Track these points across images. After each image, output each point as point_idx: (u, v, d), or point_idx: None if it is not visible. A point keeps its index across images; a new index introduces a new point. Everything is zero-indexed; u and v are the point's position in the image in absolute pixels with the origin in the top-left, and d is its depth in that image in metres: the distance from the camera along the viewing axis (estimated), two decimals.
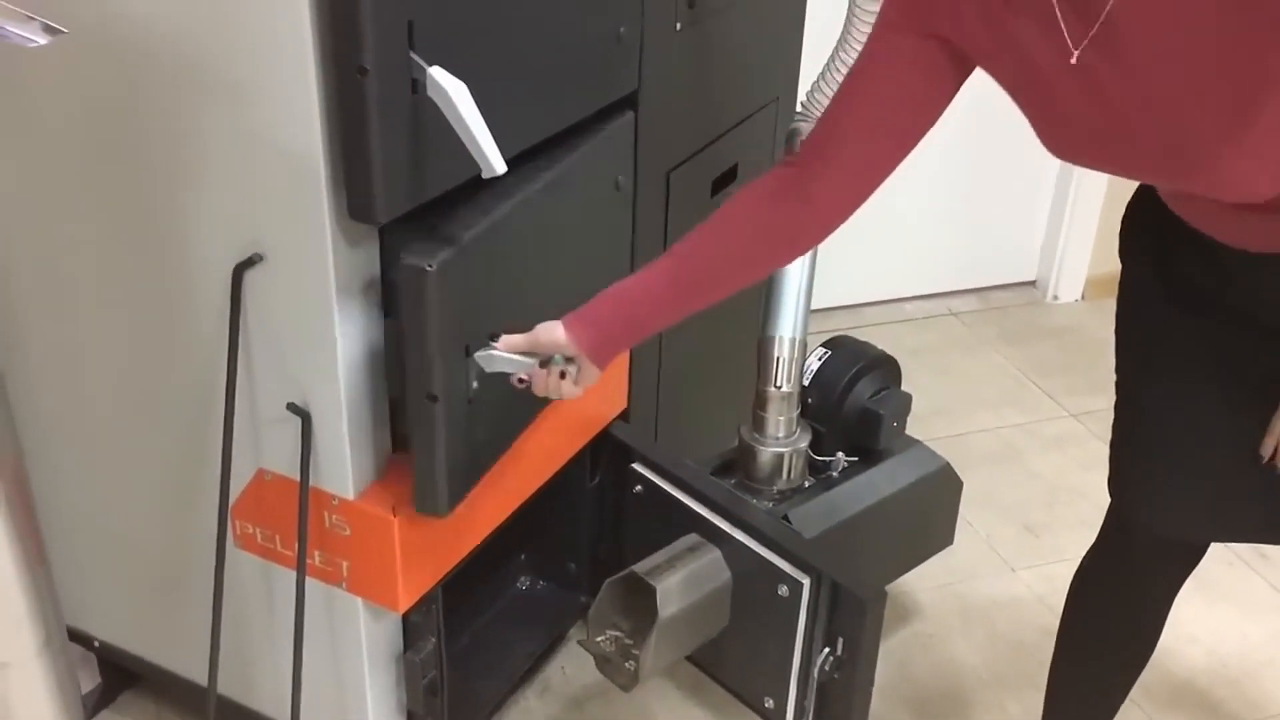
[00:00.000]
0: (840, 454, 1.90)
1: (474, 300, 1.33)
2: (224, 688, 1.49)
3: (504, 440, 1.54)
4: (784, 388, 1.79)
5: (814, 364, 1.94)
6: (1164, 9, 1.03)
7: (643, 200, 1.75)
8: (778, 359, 1.77)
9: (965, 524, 2.20)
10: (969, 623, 2.16)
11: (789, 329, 1.77)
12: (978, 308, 3.24)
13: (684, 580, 1.56)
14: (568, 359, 1.30)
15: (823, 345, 1.99)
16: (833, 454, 1.90)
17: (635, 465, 1.71)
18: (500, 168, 1.22)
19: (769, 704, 1.61)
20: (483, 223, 1.34)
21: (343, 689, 1.57)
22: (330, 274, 1.29)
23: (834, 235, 1.29)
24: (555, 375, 1.31)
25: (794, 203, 1.25)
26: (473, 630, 1.86)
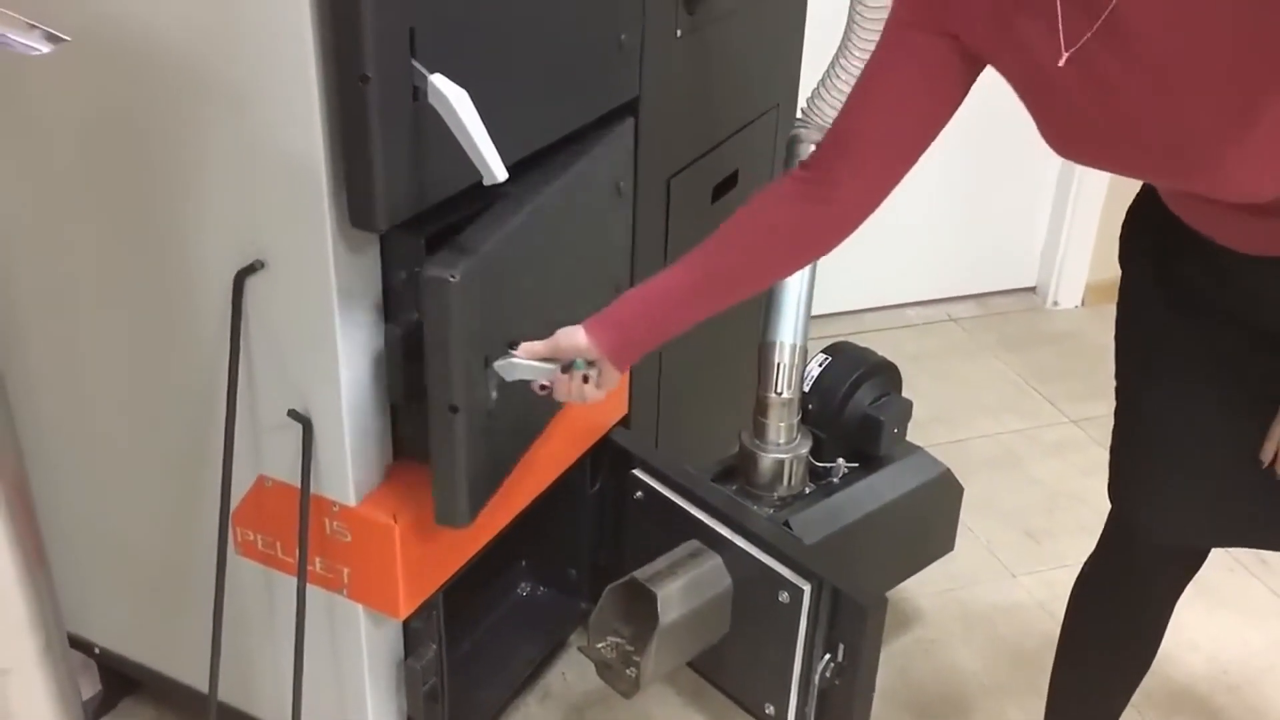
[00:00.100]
0: (841, 460, 1.90)
1: (492, 310, 1.33)
2: (225, 694, 1.49)
3: (519, 449, 1.54)
4: (784, 394, 1.79)
5: (814, 370, 1.94)
6: (1166, 10, 1.03)
7: (643, 206, 1.76)
8: (778, 365, 1.78)
9: (966, 530, 2.20)
10: (970, 629, 2.16)
11: (789, 335, 1.77)
12: (978, 313, 3.24)
13: (685, 586, 1.56)
14: (589, 363, 1.31)
15: (823, 351, 1.99)
16: (833, 460, 1.90)
17: (636, 471, 1.71)
18: (501, 175, 1.22)
19: (770, 710, 1.61)
20: (500, 232, 1.33)
21: (343, 696, 1.57)
22: (331, 281, 1.29)
23: None
24: (578, 380, 1.32)
25: (814, 205, 1.25)
26: (473, 637, 1.86)
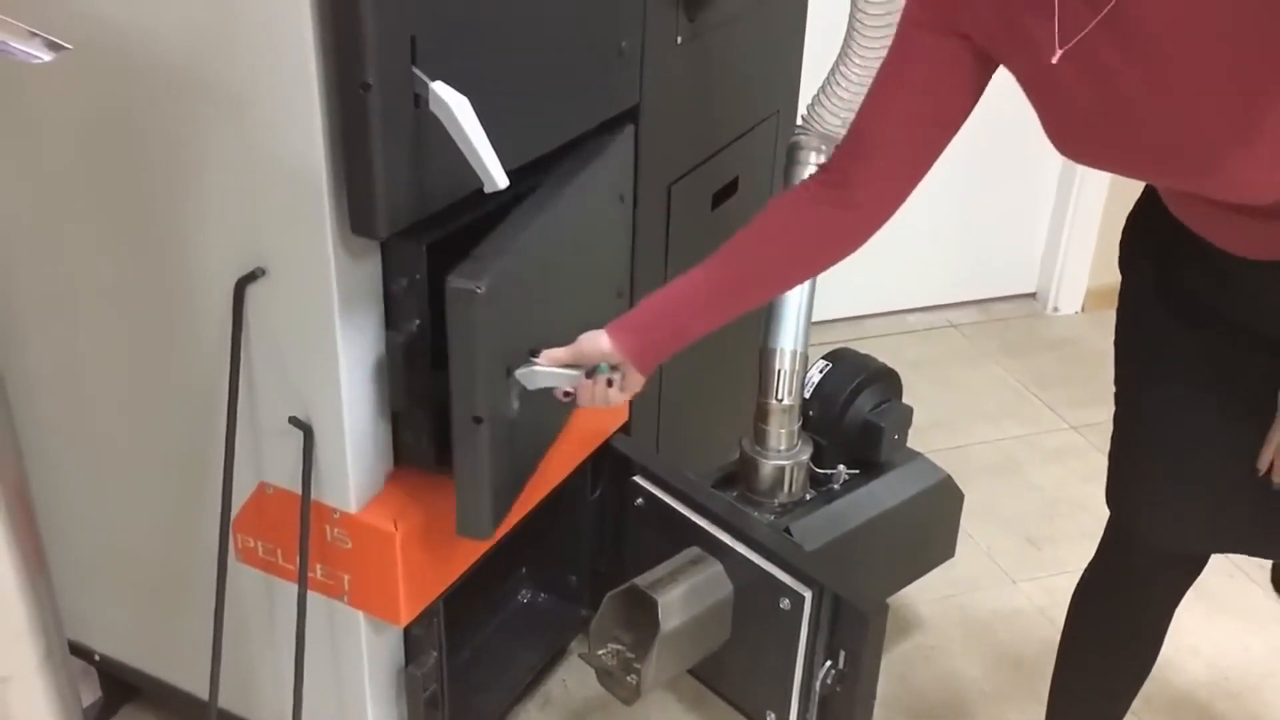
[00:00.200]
0: (841, 466, 1.90)
1: (513, 319, 1.33)
2: (225, 701, 1.49)
3: (535, 459, 1.55)
4: (785, 400, 1.79)
5: (815, 377, 1.94)
6: (1172, 8, 1.03)
7: (644, 213, 1.76)
8: (779, 371, 1.78)
9: (966, 536, 2.20)
10: (970, 635, 2.16)
11: (790, 341, 1.77)
12: (978, 320, 3.24)
13: (685, 593, 1.56)
14: (613, 366, 1.32)
15: (824, 358, 1.99)
16: (834, 467, 1.90)
17: (636, 478, 1.71)
18: (502, 182, 1.22)
19: (771, 718, 1.61)
20: (518, 242, 1.33)
21: (344, 703, 1.56)
22: (332, 288, 1.29)
23: None
24: (602, 384, 1.32)
25: (835, 209, 1.26)
26: (474, 643, 1.86)
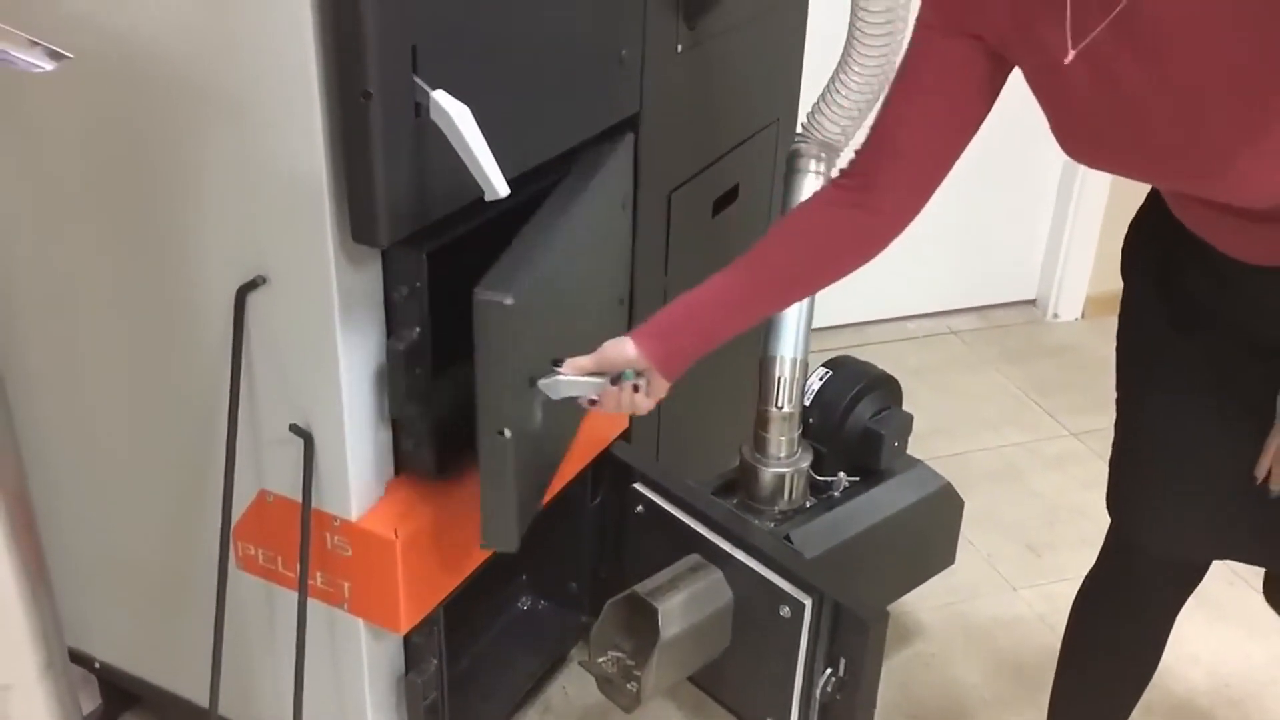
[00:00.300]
0: (842, 474, 1.90)
1: (536, 329, 1.33)
2: (225, 709, 1.49)
3: (553, 468, 1.55)
4: (785, 408, 1.79)
5: (815, 384, 1.94)
6: (1186, 7, 1.03)
7: (644, 220, 1.76)
8: (779, 379, 1.78)
9: (967, 543, 2.20)
10: (971, 642, 2.16)
11: (790, 349, 1.77)
12: (979, 326, 3.24)
13: (686, 601, 1.56)
14: (638, 372, 1.32)
15: (824, 365, 1.99)
16: (834, 474, 1.90)
17: (637, 485, 1.71)
18: (503, 190, 1.22)
19: None
20: (538, 252, 1.33)
21: (344, 710, 1.56)
22: (333, 296, 1.30)
23: None
24: (628, 390, 1.32)
25: (858, 212, 1.26)
26: (474, 651, 1.86)
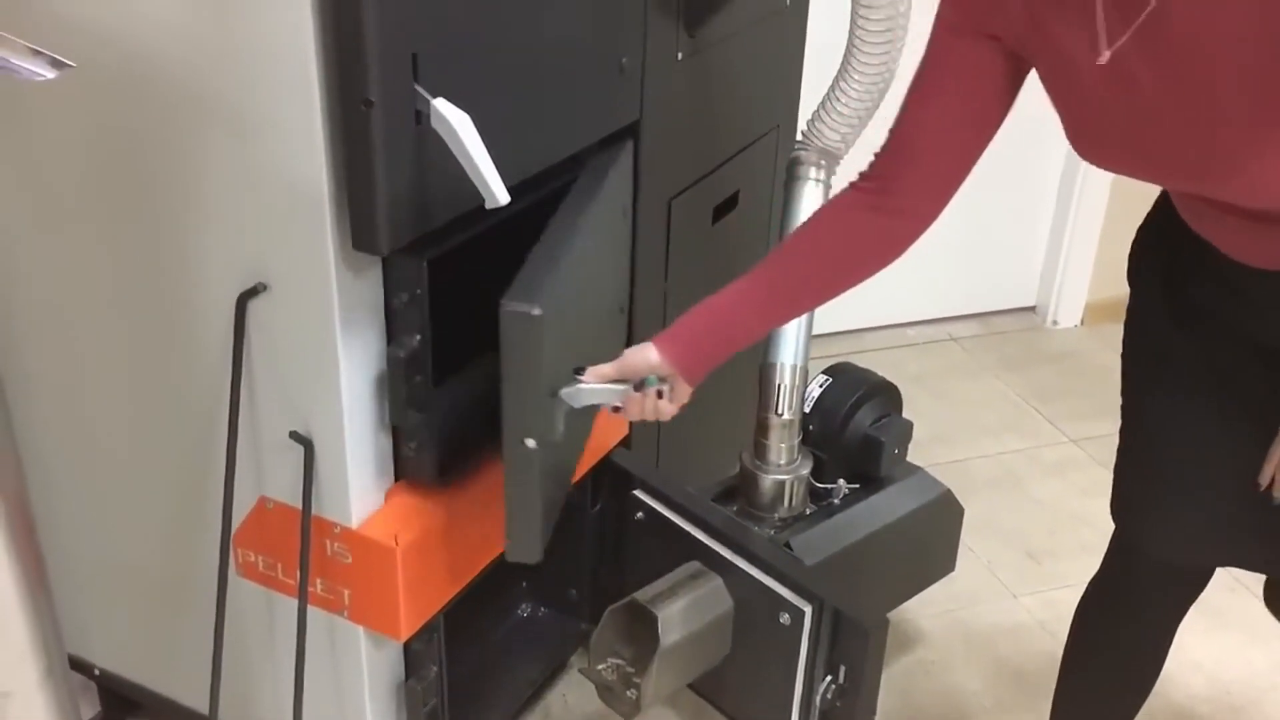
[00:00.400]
0: (841, 481, 1.90)
1: (558, 340, 1.33)
2: (225, 716, 1.49)
3: (570, 478, 1.55)
4: (785, 415, 1.79)
5: (815, 391, 1.94)
6: (1213, 10, 1.03)
7: (644, 227, 1.76)
8: (779, 386, 1.78)
9: (967, 550, 2.20)
10: (971, 650, 2.16)
11: (790, 356, 1.77)
12: (978, 333, 3.24)
13: (685, 608, 1.56)
14: (661, 379, 1.32)
15: (824, 372, 1.99)
16: (834, 481, 1.90)
17: (637, 492, 1.71)
18: (503, 198, 1.23)
19: None
20: (557, 262, 1.34)
21: (344, 717, 1.56)
22: (334, 303, 1.30)
23: None
24: (652, 396, 1.33)
25: (879, 214, 1.27)
26: (474, 658, 1.86)
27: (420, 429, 1.41)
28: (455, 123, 1.20)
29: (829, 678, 1.53)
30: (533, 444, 1.29)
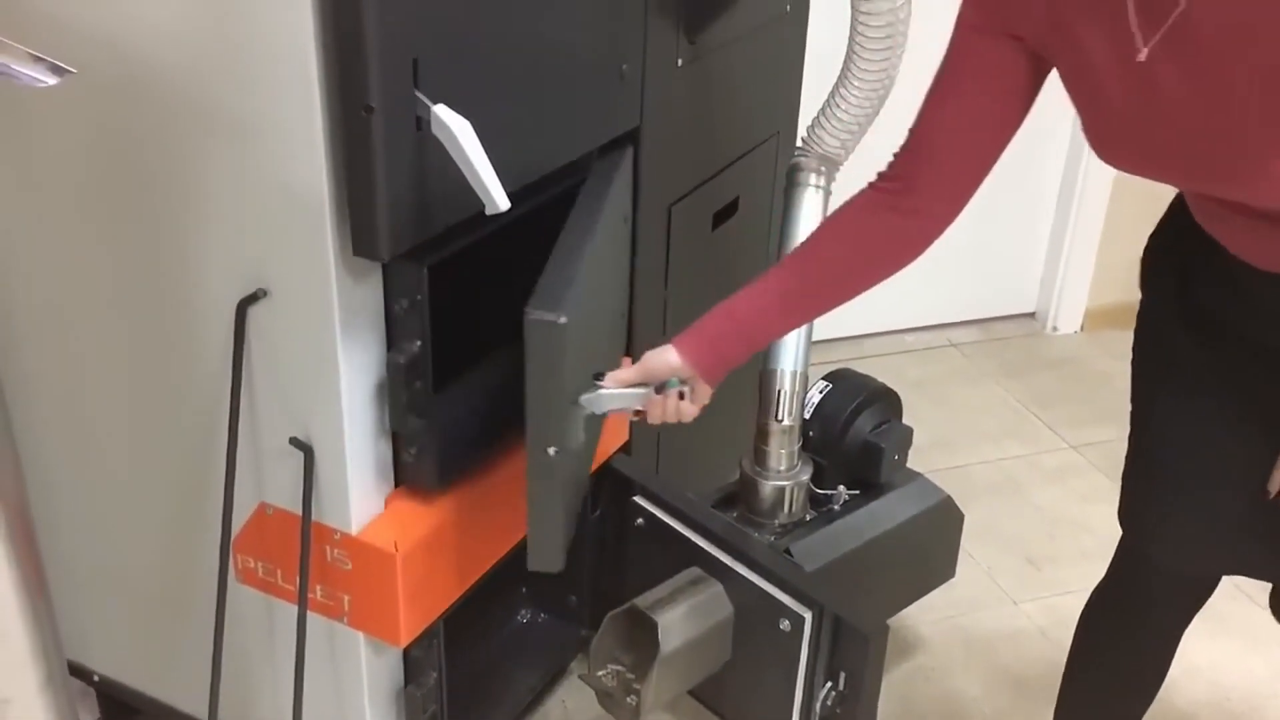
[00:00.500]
0: (841, 487, 1.90)
1: (579, 347, 1.33)
2: None
3: (585, 485, 1.55)
4: (785, 421, 1.79)
5: (815, 397, 1.94)
6: (1242, 10, 1.03)
7: (644, 233, 1.76)
8: (779, 392, 1.78)
9: (967, 556, 2.20)
10: (971, 656, 2.15)
11: (790, 362, 1.77)
12: (978, 339, 3.24)
13: (686, 614, 1.56)
14: (682, 380, 1.33)
15: (824, 379, 1.99)
16: (834, 487, 1.90)
17: (637, 498, 1.71)
18: (504, 204, 1.23)
19: None
20: (576, 271, 1.33)
21: None
22: (334, 309, 1.30)
23: None
24: (674, 399, 1.33)
25: (899, 215, 1.27)
26: (474, 664, 1.86)
27: (420, 435, 1.41)
28: (455, 129, 1.20)
29: (829, 684, 1.53)
30: (554, 452, 1.29)
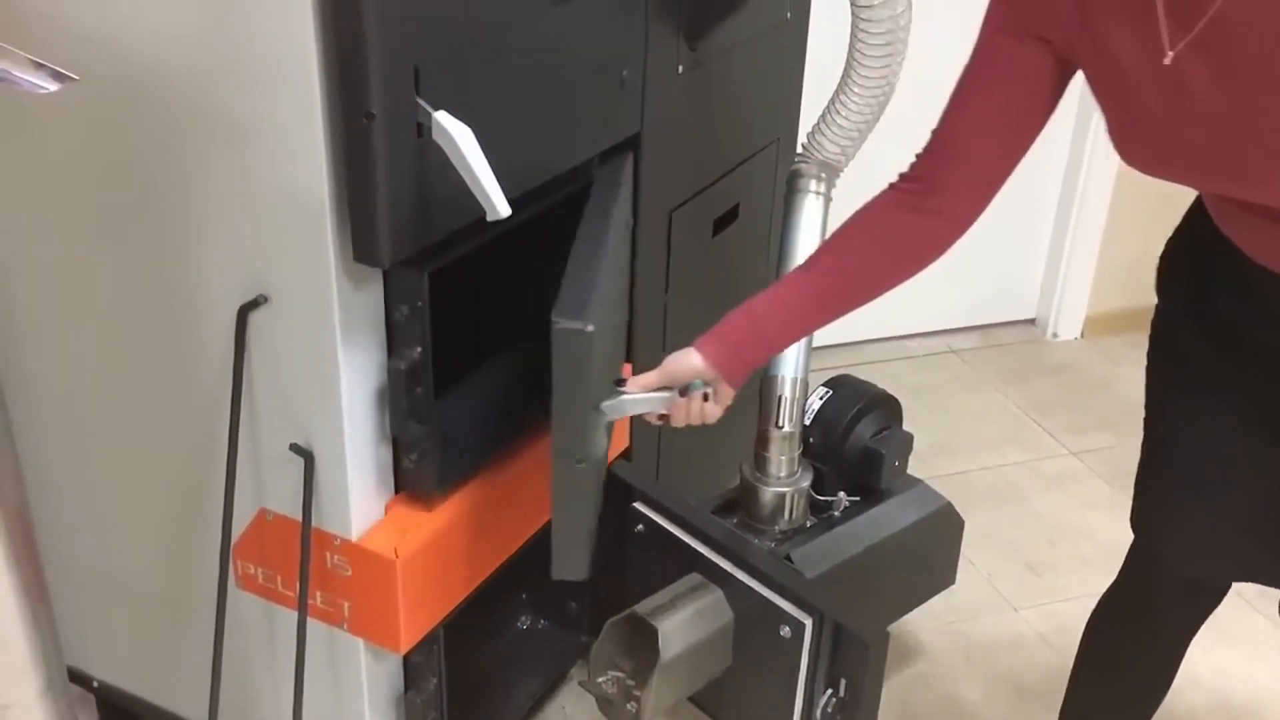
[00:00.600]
0: (842, 493, 1.90)
1: (602, 355, 1.33)
2: None
3: (602, 491, 1.55)
4: (786, 427, 1.79)
5: (815, 403, 1.94)
6: (1277, 10, 1.03)
7: (644, 239, 1.76)
8: (780, 398, 1.77)
9: (967, 563, 2.19)
10: (971, 662, 2.15)
11: (791, 368, 1.77)
12: (978, 345, 3.25)
13: (686, 620, 1.55)
14: (705, 382, 1.33)
15: (824, 384, 1.99)
16: (834, 493, 1.90)
17: (637, 504, 1.71)
18: (504, 210, 1.23)
19: None
20: (596, 278, 1.34)
21: None
22: (334, 315, 1.30)
23: None
24: (698, 401, 1.34)
25: (921, 216, 1.27)
26: (474, 670, 1.85)
27: (421, 441, 1.41)
28: (456, 135, 1.20)
29: (829, 691, 1.52)
30: (581, 460, 1.29)
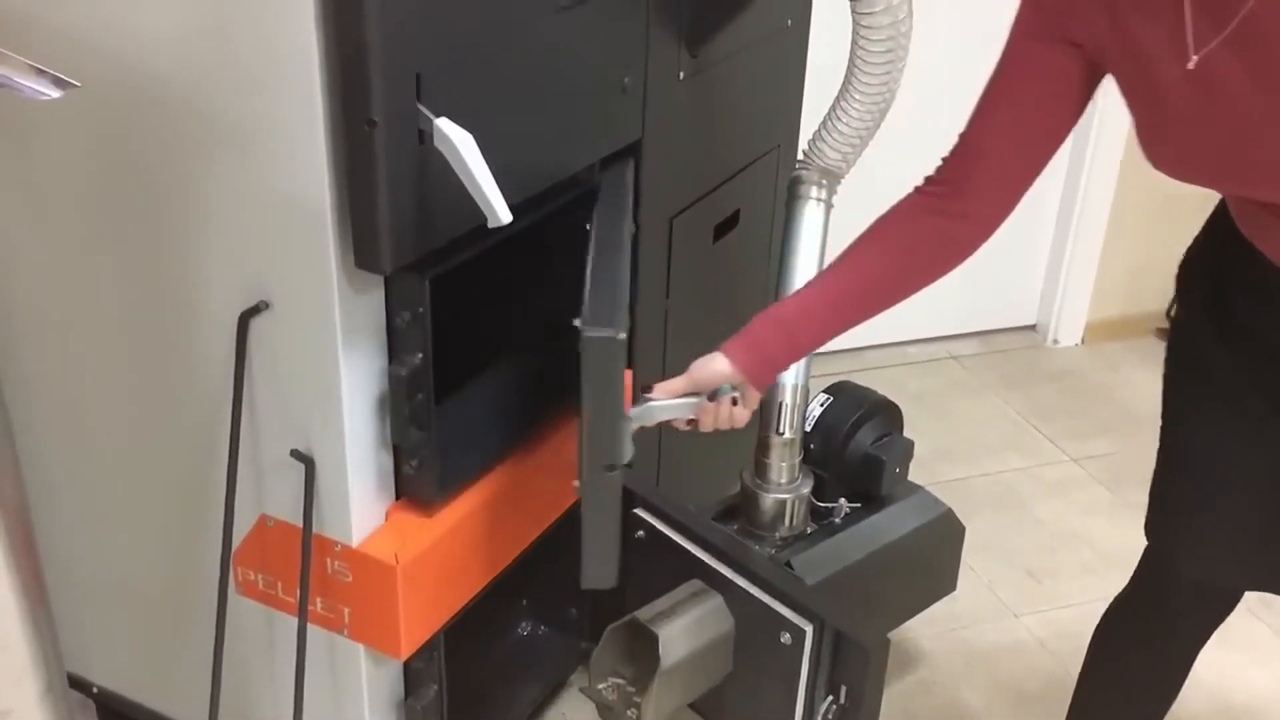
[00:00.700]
0: (843, 500, 1.90)
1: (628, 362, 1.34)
2: None
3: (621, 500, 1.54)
4: (786, 434, 1.79)
5: (816, 410, 1.94)
6: None
7: (645, 246, 1.76)
8: (780, 405, 1.77)
9: (968, 570, 2.19)
10: (972, 669, 2.15)
11: (791, 374, 1.77)
12: (979, 351, 3.24)
13: (686, 627, 1.55)
14: (733, 386, 1.33)
15: (824, 391, 1.99)
16: (835, 500, 1.90)
17: (637, 510, 1.71)
18: (506, 217, 1.23)
19: None
20: (619, 285, 1.34)
21: None
22: (336, 322, 1.30)
23: None
24: (726, 405, 1.34)
25: (947, 219, 1.28)
26: (474, 676, 1.85)
27: (422, 447, 1.41)
28: (458, 142, 1.20)
29: (830, 697, 1.52)
30: (615, 468, 1.29)
